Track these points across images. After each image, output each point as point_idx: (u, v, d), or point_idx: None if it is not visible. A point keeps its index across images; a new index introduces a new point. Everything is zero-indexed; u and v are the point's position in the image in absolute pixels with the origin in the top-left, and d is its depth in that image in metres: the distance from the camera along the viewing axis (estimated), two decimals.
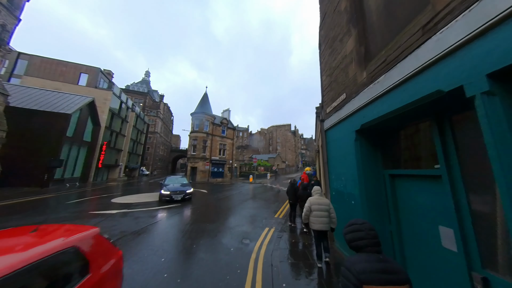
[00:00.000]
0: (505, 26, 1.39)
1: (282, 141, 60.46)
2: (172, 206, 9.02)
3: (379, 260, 1.18)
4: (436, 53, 1.88)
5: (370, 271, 1.12)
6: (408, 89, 2.29)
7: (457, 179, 2.03)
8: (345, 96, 4.00)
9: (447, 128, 2.16)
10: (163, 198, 9.91)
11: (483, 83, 1.50)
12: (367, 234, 1.30)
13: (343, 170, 4.04)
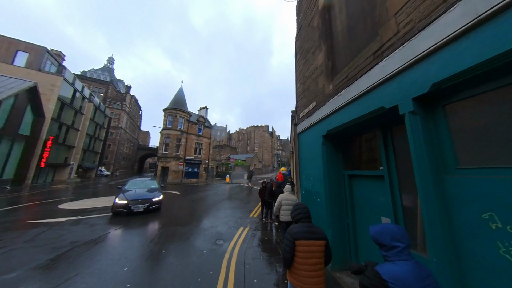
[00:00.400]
0: (424, 63, 1.83)
1: (260, 141, 61.67)
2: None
3: (308, 227, 1.85)
4: (381, 76, 2.31)
5: (301, 232, 1.79)
6: (362, 103, 2.72)
7: (394, 179, 2.53)
8: (315, 104, 4.42)
9: (389, 137, 2.67)
10: (116, 209, 6.94)
11: (410, 104, 1.93)
12: (302, 211, 1.96)
13: (312, 171, 4.46)
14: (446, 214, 1.67)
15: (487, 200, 1.42)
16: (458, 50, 1.55)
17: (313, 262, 1.72)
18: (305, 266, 1.71)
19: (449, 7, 1.63)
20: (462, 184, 1.60)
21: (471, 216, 1.51)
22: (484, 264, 1.42)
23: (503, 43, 1.28)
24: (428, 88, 1.76)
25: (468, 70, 1.49)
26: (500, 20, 1.31)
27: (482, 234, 1.45)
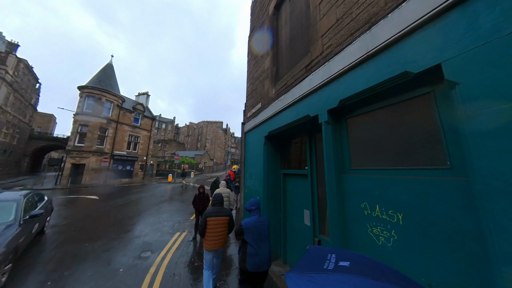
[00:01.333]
0: (336, 82, 2.22)
1: (212, 138, 58.79)
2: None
3: (217, 209, 2.81)
4: (309, 88, 2.64)
5: (211, 212, 2.75)
6: (295, 109, 3.03)
7: (314, 177, 2.99)
8: (261, 106, 4.59)
9: (313, 142, 3.12)
10: None
11: (325, 115, 2.30)
12: (216, 199, 2.93)
13: (255, 170, 4.62)
14: (341, 204, 2.10)
15: (364, 193, 1.89)
16: (356, 76, 1.96)
17: (218, 231, 2.74)
18: (213, 234, 2.71)
19: (353, 40, 2.04)
20: (352, 181, 2.05)
21: (355, 205, 1.97)
22: (359, 240, 1.89)
23: (380, 76, 1.72)
24: (337, 103, 2.15)
25: (361, 92, 1.91)
26: (381, 57, 1.75)
27: (359, 219, 1.91)
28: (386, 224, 1.67)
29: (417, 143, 1.59)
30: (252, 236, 2.21)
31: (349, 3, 2.17)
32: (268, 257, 2.24)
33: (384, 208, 1.69)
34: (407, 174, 1.60)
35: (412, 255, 1.47)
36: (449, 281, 1.27)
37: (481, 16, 1.13)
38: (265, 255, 2.21)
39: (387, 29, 1.64)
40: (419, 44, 1.44)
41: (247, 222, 2.27)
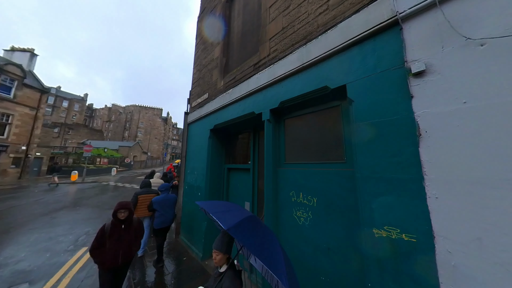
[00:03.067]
0: (278, 84, 2.44)
1: (147, 127, 48.51)
2: None
3: (146, 190, 3.78)
4: (256, 86, 2.75)
5: (141, 192, 3.69)
6: (242, 105, 3.07)
7: (255, 171, 3.20)
8: (207, 96, 4.30)
9: (256, 138, 3.32)
10: None
11: (268, 114, 2.49)
12: (145, 183, 3.92)
13: (197, 165, 4.30)
14: (276, 194, 2.39)
15: (292, 184, 2.24)
16: (294, 82, 2.25)
17: (145, 205, 3.56)
18: (142, 207, 3.56)
19: (293, 50, 2.31)
20: (284, 174, 2.37)
21: (285, 194, 2.30)
22: (287, 223, 2.23)
23: (310, 86, 2.06)
24: (278, 104, 2.38)
25: (296, 97, 2.21)
26: (312, 70, 2.09)
27: (288, 205, 2.25)
28: (306, 207, 2.07)
29: (330, 144, 2.06)
30: (159, 206, 3.37)
31: (293, 16, 2.43)
32: (171, 219, 3.49)
33: (305, 195, 2.09)
34: (322, 167, 2.05)
35: (320, 229, 1.92)
36: (340, 243, 1.76)
37: (367, 56, 1.61)
38: (168, 218, 3.42)
39: (318, 48, 1.99)
40: (335, 66, 1.85)
41: (156, 199, 3.42)
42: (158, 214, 3.32)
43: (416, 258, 1.19)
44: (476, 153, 1.06)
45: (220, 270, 1.37)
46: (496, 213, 0.97)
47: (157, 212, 3.34)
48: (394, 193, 1.33)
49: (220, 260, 1.35)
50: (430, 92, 1.25)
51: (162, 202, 3.39)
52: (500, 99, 1.02)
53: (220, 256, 1.35)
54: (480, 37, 1.10)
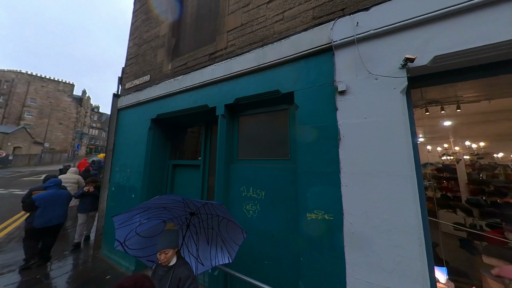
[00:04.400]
0: (234, 80, 2.43)
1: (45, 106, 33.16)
2: None
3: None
4: (210, 78, 2.59)
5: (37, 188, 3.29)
6: (194, 95, 2.81)
7: (206, 168, 3.05)
8: (149, 79, 3.60)
9: (209, 133, 3.15)
10: None
11: (223, 109, 2.43)
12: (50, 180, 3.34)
13: (131, 161, 3.52)
14: (227, 190, 2.39)
15: (243, 179, 2.33)
16: (250, 81, 2.31)
17: None
18: None
19: (251, 50, 2.36)
20: (236, 170, 2.42)
21: (236, 189, 2.36)
22: (236, 217, 2.29)
23: (263, 87, 2.18)
24: (233, 100, 2.37)
25: (251, 96, 2.29)
26: (267, 73, 2.22)
27: (238, 200, 2.32)
28: (255, 200, 2.21)
29: (278, 143, 2.30)
30: (44, 203, 2.96)
31: (252, 16, 2.48)
32: (61, 216, 3.16)
33: (255, 189, 2.23)
34: (270, 163, 2.25)
35: (266, 219, 2.12)
36: (282, 229, 2.03)
37: (311, 70, 1.93)
38: (55, 216, 3.05)
39: (273, 53, 2.14)
40: (287, 74, 2.07)
41: (39, 195, 3.00)
42: (39, 212, 2.91)
43: (332, 232, 1.59)
44: (367, 154, 1.53)
45: (170, 264, 1.39)
46: (375, 194, 1.47)
47: (38, 210, 2.92)
48: (321, 183, 1.69)
49: (171, 256, 1.37)
50: (347, 107, 1.67)
51: (49, 198, 3.02)
52: (383, 118, 1.52)
53: (171, 252, 1.37)
54: (376, 73, 1.59)
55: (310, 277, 1.63)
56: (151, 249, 1.59)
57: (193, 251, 1.73)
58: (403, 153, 1.42)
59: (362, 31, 1.67)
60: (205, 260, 1.72)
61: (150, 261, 1.61)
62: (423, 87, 1.67)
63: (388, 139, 1.48)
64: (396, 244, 1.35)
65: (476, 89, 2.44)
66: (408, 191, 1.37)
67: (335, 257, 1.54)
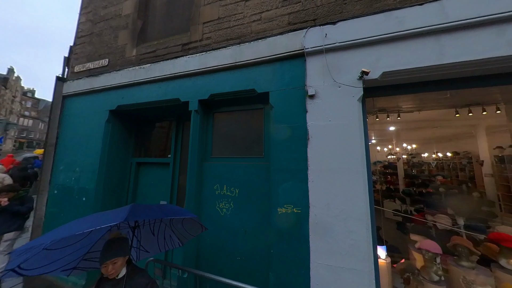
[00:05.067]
0: (209, 75, 2.34)
1: None
2: None
3: None
4: (184, 70, 2.43)
5: None
6: (164, 87, 2.58)
7: (177, 166, 2.86)
8: (108, 63, 3.11)
9: (180, 129, 2.96)
10: None
11: (196, 104, 2.32)
12: None
13: (81, 158, 2.99)
14: (199, 188, 2.31)
15: (217, 177, 2.29)
16: (226, 78, 2.27)
17: None
18: None
19: (228, 45, 2.32)
20: (210, 168, 2.36)
21: (209, 187, 2.30)
22: (209, 216, 2.25)
23: (238, 85, 2.18)
24: (208, 96, 2.29)
25: (227, 93, 2.25)
26: (243, 71, 2.22)
27: (212, 198, 2.27)
28: (228, 198, 2.21)
29: (253, 141, 2.35)
30: None
31: (229, 11, 2.43)
32: None
33: (229, 187, 2.23)
34: (245, 161, 2.28)
35: (240, 216, 2.15)
36: (254, 225, 2.09)
37: (285, 73, 2.03)
38: None
39: (250, 52, 2.16)
40: (263, 74, 2.12)
41: None
42: None
43: (300, 224, 1.73)
44: (330, 152, 1.73)
45: (119, 277, 1.19)
46: (335, 188, 1.67)
47: None
48: (292, 180, 1.82)
49: (120, 266, 1.17)
50: (315, 110, 1.84)
51: None
52: (344, 121, 1.74)
53: (121, 262, 1.17)
54: (339, 81, 1.79)
55: (279, 268, 1.74)
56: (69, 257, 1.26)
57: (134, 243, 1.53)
58: (358, 152, 1.66)
59: (329, 42, 1.85)
60: (151, 248, 1.63)
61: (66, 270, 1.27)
62: (375, 97, 1.98)
63: (347, 140, 1.70)
64: (350, 230, 1.58)
65: (411, 102, 3.03)
66: (361, 185, 1.62)
67: (301, 247, 1.69)
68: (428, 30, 1.60)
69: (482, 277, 1.69)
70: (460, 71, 1.59)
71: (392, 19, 1.70)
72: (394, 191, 6.20)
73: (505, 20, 1.45)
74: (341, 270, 1.55)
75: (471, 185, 5.52)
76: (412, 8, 1.67)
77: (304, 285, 1.63)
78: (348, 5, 1.94)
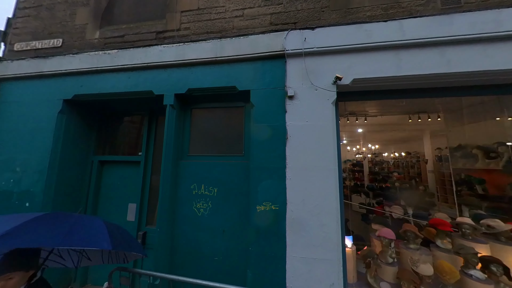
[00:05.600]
0: (188, 68, 2.21)
1: None
2: None
3: None
4: (158, 60, 2.23)
5: None
6: (134, 78, 2.32)
7: (149, 165, 2.62)
8: (62, 44, 2.64)
9: (154, 124, 2.72)
10: None
11: (172, 98, 2.16)
12: None
13: (23, 156, 2.48)
14: (174, 189, 2.17)
15: (195, 176, 2.19)
16: (206, 72, 2.17)
17: None
18: None
19: (208, 39, 2.21)
20: (187, 166, 2.24)
21: (186, 187, 2.18)
22: (185, 217, 2.14)
23: (222, 81, 2.11)
24: (186, 90, 2.15)
25: (207, 89, 2.16)
26: (224, 67, 2.15)
27: (188, 199, 2.16)
28: (206, 198, 2.14)
29: (233, 139, 2.31)
30: None
31: (210, 3, 2.32)
32: None
33: (207, 186, 2.15)
34: (225, 160, 2.23)
35: (218, 216, 2.10)
36: (233, 224, 2.07)
37: (266, 73, 2.05)
38: None
39: (231, 48, 2.11)
40: (245, 71, 2.10)
41: None
42: None
43: (278, 220, 1.79)
44: (307, 151, 1.83)
45: None
46: (310, 184, 1.78)
47: None
48: (271, 178, 1.86)
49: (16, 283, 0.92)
50: (294, 110, 1.91)
51: None
52: (319, 123, 1.86)
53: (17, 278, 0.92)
54: (316, 84, 1.90)
55: (257, 264, 1.77)
56: None
57: None
58: (331, 151, 1.80)
59: (308, 47, 1.94)
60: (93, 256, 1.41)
61: None
62: (346, 101, 2.17)
63: (322, 140, 1.82)
64: (323, 223, 1.71)
65: (375, 107, 3.42)
66: (333, 182, 1.76)
67: (278, 242, 1.75)
68: (390, 44, 1.82)
69: (424, 256, 2.03)
70: (413, 82, 1.86)
71: (362, 31, 1.88)
72: (360, 186, 6.93)
73: (446, 43, 1.75)
74: (314, 261, 1.66)
75: (418, 180, 6.55)
76: (379, 23, 1.87)
77: (280, 279, 1.69)
78: (325, 13, 2.06)
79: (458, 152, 3.44)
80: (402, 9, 1.93)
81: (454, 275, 1.79)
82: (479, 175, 3.09)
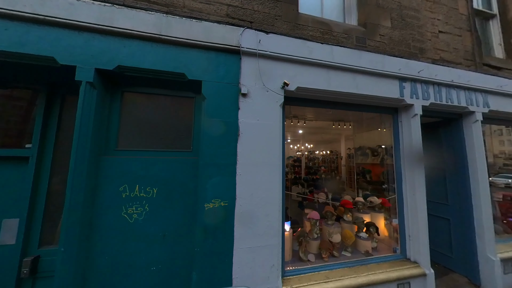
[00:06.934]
0: (117, 39, 1.73)
1: None
2: None
3: None
4: (64, 16, 1.60)
5: None
6: (17, 32, 1.55)
7: (46, 161, 1.86)
8: None
9: (56, 106, 1.94)
10: None
11: (91, 74, 1.63)
12: None
13: None
14: (93, 194, 1.68)
15: (126, 175, 1.79)
16: (145, 50, 1.79)
17: None
18: None
19: (150, 9, 1.83)
20: (114, 164, 1.78)
21: (112, 190, 1.74)
22: (108, 228, 1.71)
23: (164, 65, 1.81)
24: (114, 66, 1.69)
25: (146, 70, 1.79)
26: (170, 49, 1.85)
27: (115, 203, 1.74)
28: (142, 200, 1.80)
29: (179, 132, 2.07)
30: None
31: None
32: None
33: (143, 187, 1.82)
34: (168, 155, 1.96)
35: (157, 219, 1.83)
36: (177, 226, 1.87)
37: (220, 66, 1.97)
38: None
39: (181, 29, 1.85)
40: (196, 59, 1.91)
41: None
42: None
43: (226, 216, 1.80)
44: (256, 148, 1.94)
45: None
46: (258, 179, 1.91)
47: None
48: (221, 174, 1.83)
49: None
50: (247, 108, 1.97)
51: None
52: (268, 122, 2.01)
53: None
54: (268, 86, 2.04)
55: (203, 264, 1.71)
56: None
57: None
58: (277, 149, 2.01)
59: (262, 49, 2.04)
60: None
61: None
62: (291, 105, 2.48)
63: (270, 138, 1.99)
64: (267, 213, 1.89)
65: (311, 113, 4.15)
66: (277, 176, 1.97)
67: (226, 237, 1.77)
68: (324, 63, 2.24)
69: (336, 229, 2.73)
70: (337, 97, 2.40)
71: (306, 47, 2.20)
72: (299, 178, 8.23)
73: (356, 71, 2.37)
74: (258, 249, 1.81)
75: (336, 172, 8.65)
76: (317, 44, 2.25)
77: (227, 273, 1.72)
78: (278, 22, 2.23)
79: (358, 151, 4.81)
80: (333, 37, 2.42)
81: (352, 239, 2.53)
82: (368, 168, 4.46)
